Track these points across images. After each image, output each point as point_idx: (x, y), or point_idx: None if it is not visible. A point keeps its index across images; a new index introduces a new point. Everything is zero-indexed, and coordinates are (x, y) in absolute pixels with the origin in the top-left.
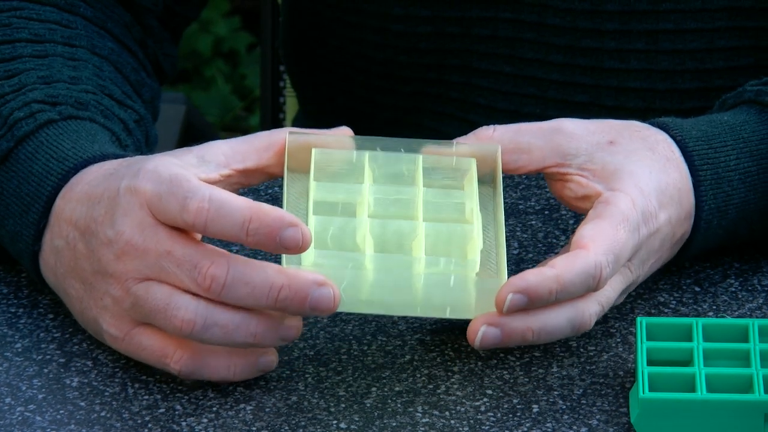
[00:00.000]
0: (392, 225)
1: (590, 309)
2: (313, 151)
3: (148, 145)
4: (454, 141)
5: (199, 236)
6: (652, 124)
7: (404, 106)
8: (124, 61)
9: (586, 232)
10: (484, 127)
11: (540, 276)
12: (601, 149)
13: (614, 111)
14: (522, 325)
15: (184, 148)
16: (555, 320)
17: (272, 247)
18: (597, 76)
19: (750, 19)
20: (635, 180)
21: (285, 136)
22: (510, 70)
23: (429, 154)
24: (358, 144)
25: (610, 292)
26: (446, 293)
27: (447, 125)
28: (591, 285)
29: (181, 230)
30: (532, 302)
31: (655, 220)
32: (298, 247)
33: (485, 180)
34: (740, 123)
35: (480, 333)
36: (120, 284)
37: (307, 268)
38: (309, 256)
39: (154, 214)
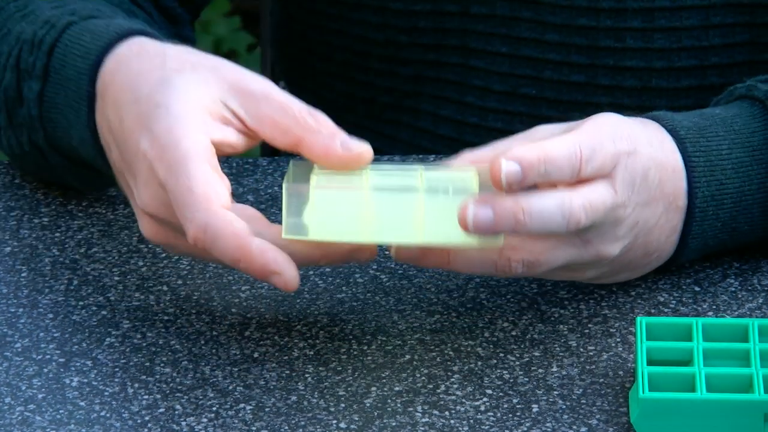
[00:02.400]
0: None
1: (576, 200)
2: (315, 166)
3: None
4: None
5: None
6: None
7: (403, 90)
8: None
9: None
10: (464, 152)
11: (524, 146)
12: (572, 127)
13: (610, 90)
14: (512, 203)
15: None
16: (544, 202)
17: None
18: (593, 55)
19: None
20: (603, 115)
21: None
22: (506, 50)
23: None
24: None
25: (595, 195)
26: (447, 200)
27: (445, 108)
28: (575, 164)
29: None
30: (525, 173)
31: (630, 142)
32: (285, 289)
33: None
34: (732, 116)
35: (470, 213)
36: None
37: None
38: (311, 179)
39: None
